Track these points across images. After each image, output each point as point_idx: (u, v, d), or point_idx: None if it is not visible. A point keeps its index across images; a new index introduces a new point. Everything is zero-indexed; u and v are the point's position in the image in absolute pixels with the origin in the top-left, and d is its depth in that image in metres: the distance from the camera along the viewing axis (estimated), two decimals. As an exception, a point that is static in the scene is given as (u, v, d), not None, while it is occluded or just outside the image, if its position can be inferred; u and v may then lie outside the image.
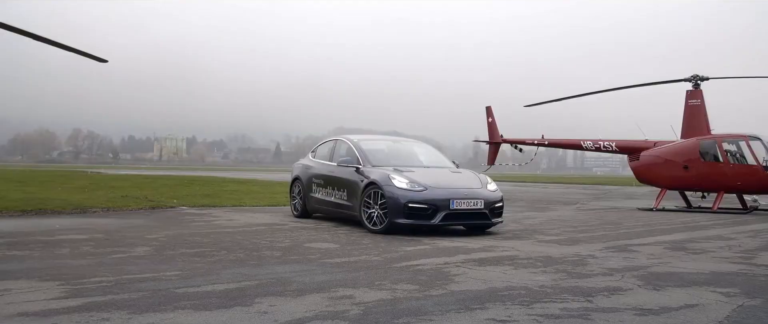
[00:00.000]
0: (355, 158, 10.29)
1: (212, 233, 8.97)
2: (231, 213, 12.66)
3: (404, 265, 6.30)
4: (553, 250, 7.76)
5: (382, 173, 9.47)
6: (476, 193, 9.28)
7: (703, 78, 16.97)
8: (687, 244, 8.65)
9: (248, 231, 9.32)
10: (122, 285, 5.07)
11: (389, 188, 9.10)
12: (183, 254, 6.87)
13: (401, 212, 8.92)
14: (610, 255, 7.38)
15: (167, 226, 9.86)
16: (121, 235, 8.60)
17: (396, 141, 11.69)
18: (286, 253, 7.10)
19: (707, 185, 16.36)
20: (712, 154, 16.05)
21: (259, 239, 8.32)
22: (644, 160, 17.35)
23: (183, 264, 6.19)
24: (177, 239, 8.18)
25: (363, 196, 9.48)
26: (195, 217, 11.70)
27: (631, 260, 6.96)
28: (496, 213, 9.51)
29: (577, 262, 6.76)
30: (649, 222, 12.51)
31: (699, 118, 16.82)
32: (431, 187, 9.12)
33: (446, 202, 8.94)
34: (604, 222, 12.31)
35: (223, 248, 7.39)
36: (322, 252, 7.20)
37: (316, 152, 12.04)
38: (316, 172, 11.35)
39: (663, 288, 5.30)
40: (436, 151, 11.68)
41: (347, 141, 10.94)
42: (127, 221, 10.70)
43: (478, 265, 6.38)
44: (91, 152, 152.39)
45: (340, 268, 6.12)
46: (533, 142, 20.71)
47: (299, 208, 11.77)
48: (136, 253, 6.89)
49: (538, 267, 6.35)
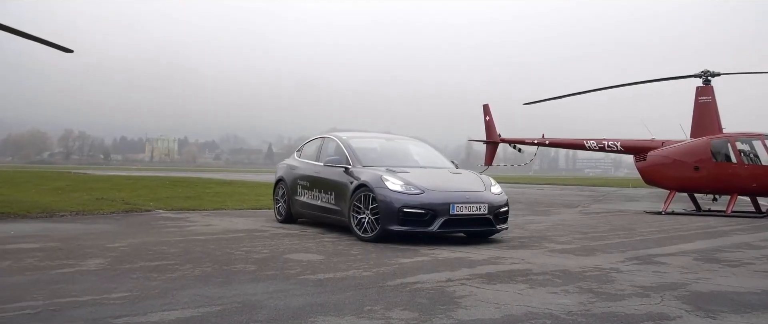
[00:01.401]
0: (343, 157, 9.28)
1: (182, 241, 7.96)
2: (210, 217, 11.64)
3: (399, 283, 5.31)
4: (570, 262, 6.78)
5: (373, 174, 8.47)
6: (479, 197, 8.28)
7: (714, 74, 16.04)
8: (717, 255, 7.70)
9: (224, 239, 8.31)
10: (50, 313, 4.07)
11: (382, 191, 8.10)
12: (141, 268, 5.86)
13: (395, 218, 7.92)
14: (635, 268, 6.41)
15: (135, 233, 8.85)
16: (78, 243, 7.57)
17: (389, 139, 10.59)
18: (261, 266, 6.10)
19: (719, 187, 15.42)
20: (725, 154, 15.13)
21: (234, 249, 7.31)
22: (651, 160, 16.40)
23: (136, 282, 5.18)
24: (140, 249, 7.16)
25: (352, 200, 8.48)
26: (169, 221, 10.67)
27: (662, 275, 5.98)
28: (501, 219, 8.52)
29: (601, 277, 5.78)
30: (663, 227, 11.56)
31: (710, 116, 15.86)
32: (429, 189, 8.12)
33: (446, 207, 7.94)
34: (615, 227, 11.36)
35: (190, 260, 6.38)
36: (303, 265, 6.20)
37: (302, 151, 11.02)
38: (302, 173, 10.33)
39: (718, 315, 4.33)
40: (433, 149, 10.63)
41: (335, 139, 9.93)
42: (93, 227, 9.68)
43: (486, 283, 5.39)
44: (82, 153, 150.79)
45: (323, 287, 5.12)
46: (533, 142, 19.72)
47: (283, 212, 10.75)
48: (85, 268, 5.87)
49: (557, 284, 5.37)
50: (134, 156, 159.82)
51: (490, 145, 21.38)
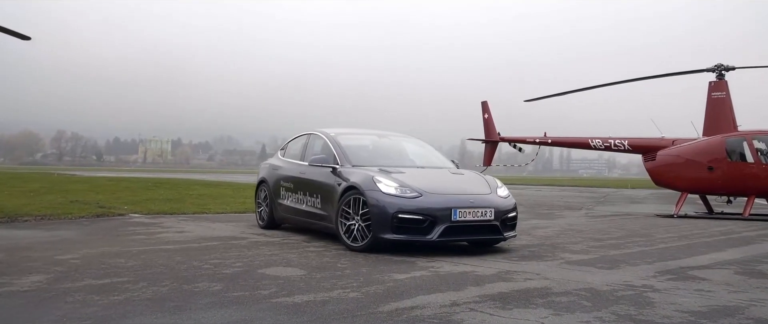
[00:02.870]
0: (331, 156, 8.27)
1: (146, 252, 6.94)
2: (186, 222, 10.61)
3: (394, 309, 4.32)
4: (594, 277, 5.79)
5: (364, 175, 7.47)
6: (485, 201, 7.28)
7: (728, 67, 15.10)
8: (759, 267, 6.73)
9: (194, 248, 7.30)
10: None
11: (373, 194, 7.09)
12: (83, 289, 4.85)
13: (389, 225, 6.92)
14: (673, 286, 5.43)
15: (96, 241, 7.83)
16: (24, 255, 6.55)
17: (382, 136, 9.50)
18: (229, 285, 5.09)
19: (735, 188, 14.47)
20: (740, 153, 14.19)
21: (202, 261, 6.30)
22: (662, 160, 15.45)
23: (68, 308, 4.18)
24: (92, 262, 6.15)
25: (340, 204, 7.47)
26: (140, 227, 9.65)
27: (708, 296, 5.00)
28: (509, 225, 7.52)
29: (637, 299, 4.80)
30: (682, 233, 10.60)
31: (724, 113, 14.92)
32: (427, 192, 7.12)
33: (447, 212, 6.94)
34: (630, 233, 10.38)
35: (147, 277, 5.37)
36: (279, 284, 5.19)
37: (287, 149, 9.99)
38: (285, 173, 9.31)
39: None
40: (431, 148, 9.57)
41: (322, 136, 8.90)
42: (53, 233, 8.66)
43: (501, 307, 4.41)
44: (75, 154, 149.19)
45: (299, 314, 4.13)
46: (535, 141, 18.75)
47: (265, 217, 9.72)
48: (15, 288, 4.87)
49: (587, 309, 4.39)
50: (127, 157, 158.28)
51: (489, 145, 20.44)
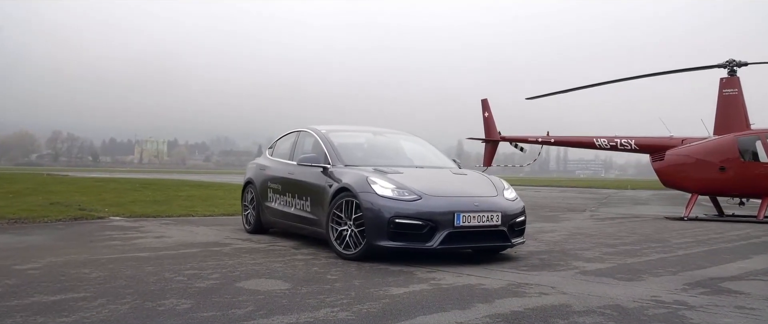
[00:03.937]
0: (322, 155, 7.58)
1: (115, 261, 6.26)
2: (168, 226, 9.92)
3: (389, 335, 3.65)
4: (616, 291, 5.12)
5: (358, 175, 6.78)
6: (491, 204, 6.59)
7: (740, 63, 14.45)
8: (796, 277, 6.07)
9: (170, 256, 6.61)
10: None
11: (368, 196, 6.41)
12: (30, 306, 4.18)
13: (384, 231, 6.24)
14: (708, 302, 4.76)
15: (65, 248, 7.14)
16: (-23, 265, 5.87)
17: (378, 133, 8.74)
18: (200, 302, 4.41)
19: (748, 189, 13.82)
20: (754, 152, 13.55)
21: (175, 272, 5.62)
22: (671, 159, 14.79)
23: (0, 334, 3.50)
24: (53, 273, 5.46)
25: (332, 208, 6.79)
26: (117, 232, 8.96)
27: (754, 316, 4.33)
28: (518, 231, 6.84)
29: (672, 320, 4.13)
30: (698, 237, 9.94)
31: (736, 110, 14.26)
32: (427, 194, 6.44)
33: (449, 217, 6.26)
34: (643, 238, 9.72)
35: (107, 292, 4.69)
36: (258, 301, 4.51)
37: (275, 148, 9.29)
38: (273, 174, 8.61)
39: None
40: (431, 146, 8.84)
41: (313, 133, 8.20)
42: (22, 239, 7.97)
43: (515, 332, 3.73)
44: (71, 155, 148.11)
45: (276, 343, 3.45)
46: (537, 140, 18.08)
47: (252, 220, 9.02)
48: (-51, 306, 4.18)
49: (616, 334, 3.72)
50: (123, 158, 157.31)
51: (490, 144, 19.78)
